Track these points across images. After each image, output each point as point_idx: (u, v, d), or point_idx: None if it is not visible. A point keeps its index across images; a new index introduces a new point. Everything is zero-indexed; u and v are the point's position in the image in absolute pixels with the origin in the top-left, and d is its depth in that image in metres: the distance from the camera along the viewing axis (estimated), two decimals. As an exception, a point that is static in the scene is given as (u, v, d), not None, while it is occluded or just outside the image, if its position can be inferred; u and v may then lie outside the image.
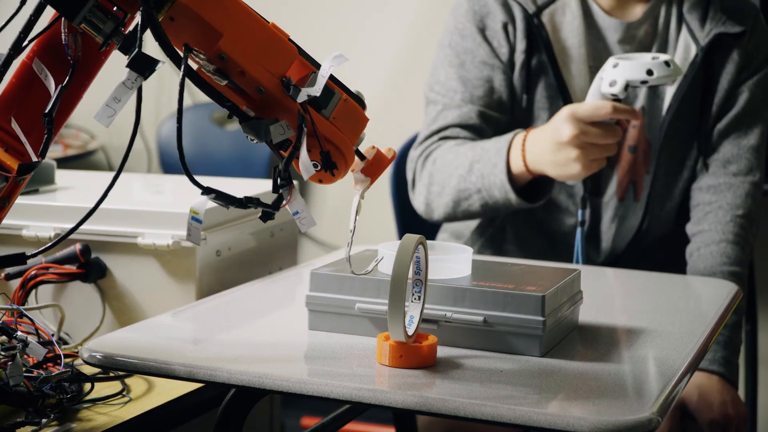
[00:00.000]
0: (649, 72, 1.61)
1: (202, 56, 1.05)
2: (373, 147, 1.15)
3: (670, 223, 1.92)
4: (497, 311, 1.17)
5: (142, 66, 1.02)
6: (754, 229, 1.85)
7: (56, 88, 1.05)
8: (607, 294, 1.52)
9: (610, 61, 1.64)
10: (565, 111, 1.66)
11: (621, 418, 0.97)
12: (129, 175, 2.24)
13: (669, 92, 1.84)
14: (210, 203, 1.08)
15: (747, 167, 1.84)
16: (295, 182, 1.25)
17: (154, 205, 1.53)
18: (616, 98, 1.65)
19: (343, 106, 1.10)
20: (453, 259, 1.26)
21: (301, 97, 1.06)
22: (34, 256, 1.09)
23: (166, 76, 3.32)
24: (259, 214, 1.09)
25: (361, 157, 1.14)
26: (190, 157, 3.84)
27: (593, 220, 1.89)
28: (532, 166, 1.74)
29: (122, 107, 1.03)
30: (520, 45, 1.85)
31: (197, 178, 1.05)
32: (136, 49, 1.01)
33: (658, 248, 1.94)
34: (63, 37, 1.05)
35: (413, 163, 1.90)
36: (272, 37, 1.07)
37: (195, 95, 3.40)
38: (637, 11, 1.88)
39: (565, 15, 1.85)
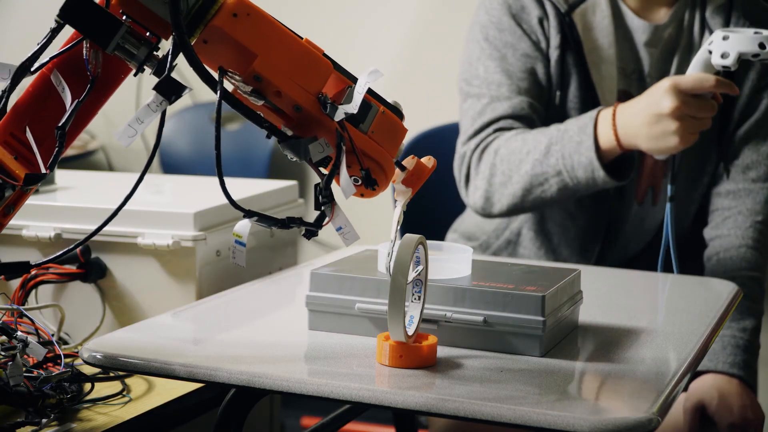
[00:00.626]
0: (762, 45, 1.60)
1: (237, 77, 1.05)
2: (413, 157, 1.15)
3: (687, 225, 1.93)
4: (497, 311, 1.17)
5: (169, 90, 1.02)
6: None
7: (72, 102, 1.05)
8: (607, 294, 1.52)
9: (718, 33, 1.63)
10: (667, 83, 1.65)
11: (621, 418, 0.97)
12: (129, 175, 2.23)
13: None
14: (250, 225, 1.08)
15: (766, 173, 1.86)
16: (294, 182, 1.26)
17: (154, 205, 1.53)
18: (725, 70, 1.64)
19: (381, 118, 1.09)
20: (453, 259, 1.26)
21: (339, 115, 1.05)
22: (39, 265, 1.09)
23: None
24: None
25: (402, 168, 1.14)
26: (189, 156, 3.85)
27: (612, 222, 1.89)
28: (625, 140, 1.70)
29: (144, 128, 1.03)
30: (554, 41, 1.83)
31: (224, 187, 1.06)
32: (165, 73, 1.01)
33: (683, 249, 1.91)
34: (84, 52, 1.05)
35: (466, 158, 1.85)
36: (307, 55, 1.06)
37: (195, 95, 3.40)
38: (662, 14, 1.88)
39: (595, 15, 1.84)
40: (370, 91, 1.09)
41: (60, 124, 1.04)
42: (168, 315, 1.35)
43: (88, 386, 1.24)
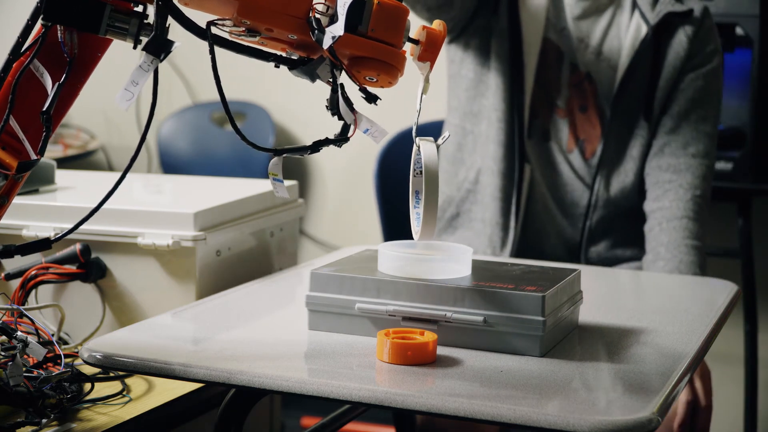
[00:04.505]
0: None
1: (227, 23, 1.06)
2: (423, 27, 1.14)
3: (632, 195, 2.00)
4: (497, 311, 1.17)
5: (158, 48, 1.03)
6: (707, 208, 1.96)
7: (53, 86, 1.05)
8: (607, 294, 1.52)
9: None
10: None
11: (621, 418, 0.97)
12: (129, 174, 2.21)
13: (622, 66, 1.97)
14: (281, 162, 1.11)
15: (705, 150, 1.96)
16: (294, 182, 1.26)
17: (154, 205, 1.53)
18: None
19: (378, 11, 1.08)
20: (453, 259, 1.26)
21: (327, 42, 1.05)
22: (58, 240, 1.09)
23: (166, 77, 3.32)
24: (258, 215, 1.08)
25: (415, 42, 1.14)
26: (189, 157, 3.85)
27: (545, 170, 2.00)
28: None
29: (140, 90, 1.04)
30: None
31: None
32: (153, 33, 1.03)
33: (627, 223, 2.01)
34: (59, 35, 1.05)
35: None
36: None
37: (195, 95, 3.40)
38: None
39: None
40: None
41: (44, 109, 1.04)
42: (168, 315, 1.35)
43: (88, 386, 1.24)
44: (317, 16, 1.07)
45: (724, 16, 2.47)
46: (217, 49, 1.06)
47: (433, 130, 2.33)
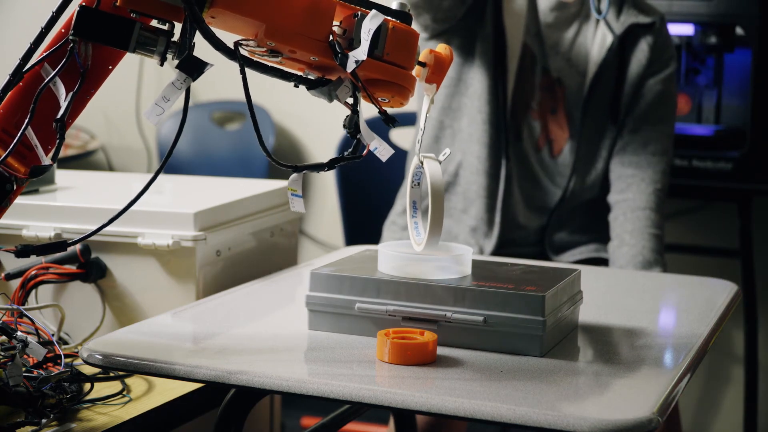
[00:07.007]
0: None
1: (251, 43, 1.08)
2: (431, 51, 1.19)
3: (596, 189, 2.18)
4: (497, 311, 1.17)
5: (192, 68, 1.04)
6: (665, 200, 2.15)
7: (67, 95, 1.06)
8: (607, 294, 1.52)
9: None
10: None
11: (621, 418, 0.97)
12: (129, 175, 2.22)
13: (590, 72, 2.13)
14: (301, 178, 1.14)
15: (663, 149, 2.14)
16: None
17: (154, 205, 1.53)
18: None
19: (393, 35, 1.12)
20: (453, 259, 1.26)
21: (350, 66, 1.08)
22: (74, 243, 1.10)
23: (166, 78, 3.32)
24: (258, 215, 1.08)
25: (422, 65, 1.18)
26: (190, 157, 3.84)
27: (518, 168, 2.14)
28: None
29: (171, 106, 1.05)
30: None
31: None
32: (186, 51, 1.04)
33: (585, 213, 2.20)
34: (75, 45, 1.05)
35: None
36: (310, 5, 1.08)
37: (194, 95, 3.40)
38: None
39: None
40: (375, 6, 1.12)
41: (58, 117, 1.05)
42: (168, 315, 1.35)
43: (88, 386, 1.24)
44: (338, 39, 1.10)
45: (724, 16, 2.48)
46: (228, 61, 1.08)
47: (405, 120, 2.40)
